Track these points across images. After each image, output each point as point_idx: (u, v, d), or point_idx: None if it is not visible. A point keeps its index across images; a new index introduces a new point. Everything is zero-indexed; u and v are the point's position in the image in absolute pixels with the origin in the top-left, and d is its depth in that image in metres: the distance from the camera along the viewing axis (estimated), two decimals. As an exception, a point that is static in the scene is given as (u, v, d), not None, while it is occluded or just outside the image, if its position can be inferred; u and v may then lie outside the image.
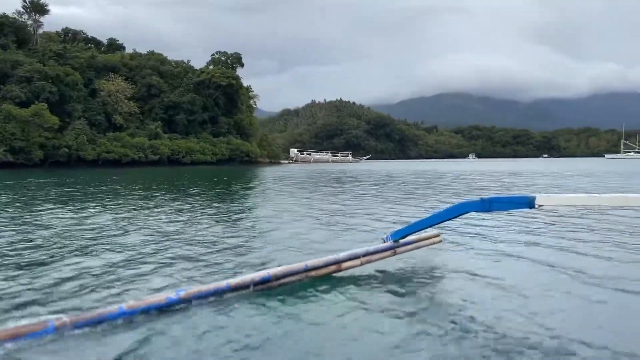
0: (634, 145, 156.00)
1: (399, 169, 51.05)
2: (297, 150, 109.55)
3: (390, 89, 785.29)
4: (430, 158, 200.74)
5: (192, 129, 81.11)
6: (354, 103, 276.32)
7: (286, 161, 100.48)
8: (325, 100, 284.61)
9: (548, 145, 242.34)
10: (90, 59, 78.02)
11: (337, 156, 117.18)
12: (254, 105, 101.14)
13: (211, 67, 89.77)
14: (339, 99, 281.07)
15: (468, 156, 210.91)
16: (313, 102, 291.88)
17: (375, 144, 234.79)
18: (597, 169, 43.03)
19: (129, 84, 78.16)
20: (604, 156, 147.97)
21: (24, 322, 3.76)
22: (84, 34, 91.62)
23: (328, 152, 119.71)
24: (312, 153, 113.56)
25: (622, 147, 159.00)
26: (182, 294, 4.30)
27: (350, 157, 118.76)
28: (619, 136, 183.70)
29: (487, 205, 5.03)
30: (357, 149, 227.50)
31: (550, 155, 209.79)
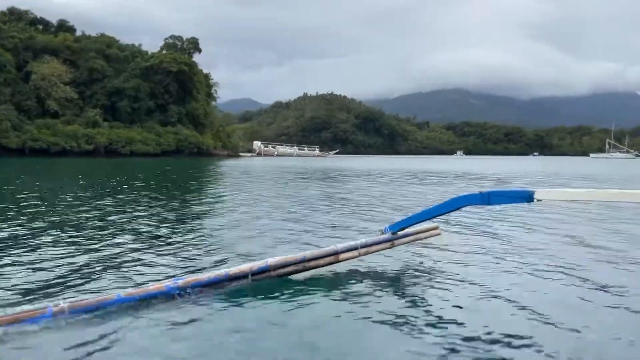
0: (621, 146, 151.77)
1: (351, 166, 46.57)
2: (261, 143, 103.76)
3: (388, 83, 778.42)
4: (419, 154, 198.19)
5: (137, 117, 75.58)
6: (345, 97, 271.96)
7: (248, 154, 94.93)
8: (317, 93, 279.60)
9: (540, 143, 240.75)
10: (28, 40, 72.53)
11: (304, 150, 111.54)
12: (214, 94, 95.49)
13: (164, 52, 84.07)
14: (330, 92, 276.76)
15: (456, 153, 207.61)
16: (305, 94, 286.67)
17: (364, 139, 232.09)
18: (565, 170, 39.12)
19: (68, 68, 72.65)
20: (589, 155, 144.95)
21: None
22: (31, 14, 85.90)
23: (294, 146, 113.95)
24: (276, 146, 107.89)
25: (607, 146, 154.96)
26: (180, 282, 4.25)
27: (317, 151, 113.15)
28: (613, 135, 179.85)
29: (487, 199, 4.96)
30: (345, 143, 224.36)
31: (542, 154, 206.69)
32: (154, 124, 76.39)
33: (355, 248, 5.41)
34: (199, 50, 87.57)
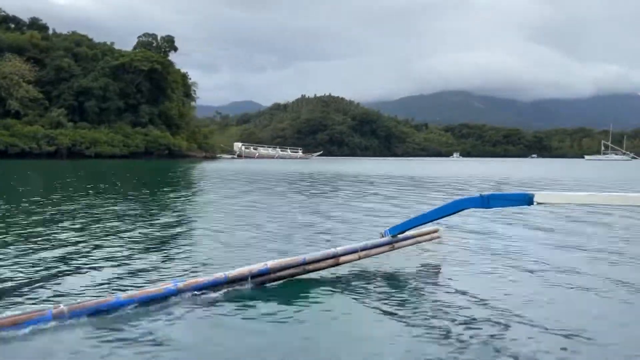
0: (618, 148, 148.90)
1: (324, 169, 43.49)
2: (242, 144, 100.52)
3: (390, 85, 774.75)
4: (417, 156, 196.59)
5: (106, 117, 72.67)
6: (342, 98, 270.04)
7: (229, 156, 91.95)
8: (315, 95, 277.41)
9: (539, 145, 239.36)
10: (-9, 38, 69.85)
11: (286, 151, 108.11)
12: (193, 94, 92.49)
13: (137, 50, 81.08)
14: (328, 93, 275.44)
15: (453, 155, 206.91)
16: (303, 96, 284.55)
17: (360, 141, 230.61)
18: (540, 175, 36.79)
19: (33, 66, 69.84)
20: (584, 157, 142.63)
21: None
22: (3, 11, 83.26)
23: (276, 147, 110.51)
24: (258, 148, 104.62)
25: (602, 148, 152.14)
26: (180, 284, 4.24)
27: (300, 153, 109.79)
28: (613, 137, 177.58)
29: (486, 202, 5.00)
30: (341, 146, 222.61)
31: (541, 156, 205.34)
32: (124, 124, 73.43)
33: (355, 251, 5.39)
34: (175, 49, 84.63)
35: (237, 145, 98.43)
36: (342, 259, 5.23)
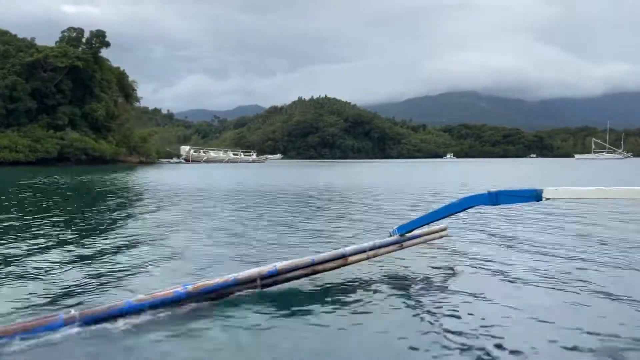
0: (612, 147, 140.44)
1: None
2: (190, 148, 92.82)
3: (397, 87, 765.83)
4: (412, 158, 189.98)
5: (15, 119, 65.28)
6: (338, 99, 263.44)
7: (174, 160, 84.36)
8: (312, 97, 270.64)
9: (540, 144, 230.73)
10: None
11: (239, 155, 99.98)
12: (135, 94, 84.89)
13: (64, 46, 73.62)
14: (323, 95, 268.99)
15: (446, 156, 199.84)
16: (299, 98, 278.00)
17: (352, 143, 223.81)
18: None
19: None
20: (574, 156, 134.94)
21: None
22: None
23: (228, 151, 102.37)
24: (208, 151, 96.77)
25: (593, 147, 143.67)
26: (190, 287, 4.23)
27: (253, 156, 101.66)
28: (616, 136, 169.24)
29: (495, 199, 5.00)
30: (333, 148, 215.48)
31: (542, 155, 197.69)
32: (37, 127, 65.93)
33: (363, 250, 5.32)
34: (106, 45, 76.86)
35: (185, 149, 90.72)
36: (351, 259, 5.17)
